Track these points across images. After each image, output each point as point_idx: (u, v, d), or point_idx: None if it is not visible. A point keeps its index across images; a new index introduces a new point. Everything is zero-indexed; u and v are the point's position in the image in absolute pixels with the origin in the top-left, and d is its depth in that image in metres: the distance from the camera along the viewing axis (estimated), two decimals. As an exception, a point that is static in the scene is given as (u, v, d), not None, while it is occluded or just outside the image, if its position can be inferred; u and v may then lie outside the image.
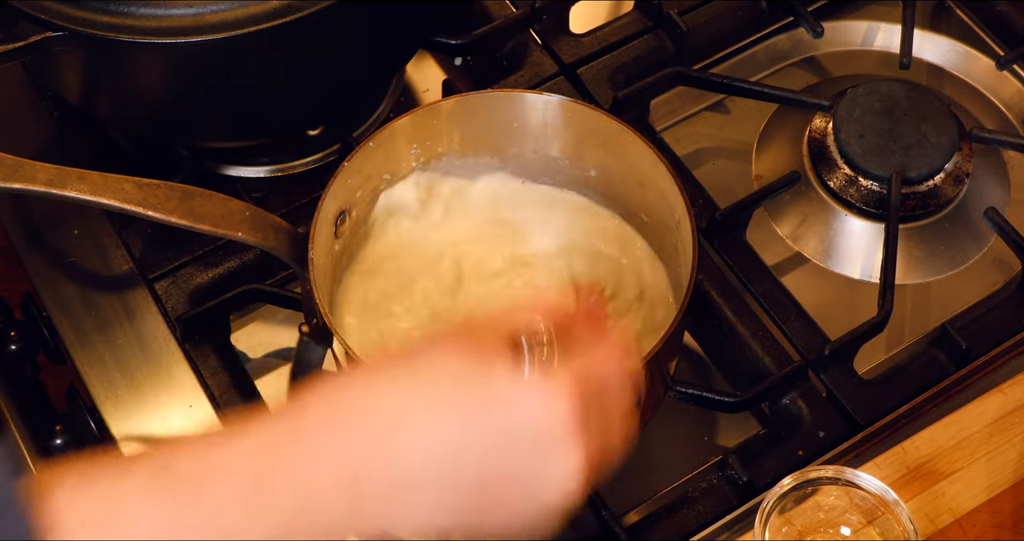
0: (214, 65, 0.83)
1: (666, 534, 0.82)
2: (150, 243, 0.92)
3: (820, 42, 1.04)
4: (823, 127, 0.95)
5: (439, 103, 0.81)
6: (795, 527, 0.76)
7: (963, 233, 0.95)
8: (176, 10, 0.80)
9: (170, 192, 0.73)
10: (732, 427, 0.88)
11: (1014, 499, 0.82)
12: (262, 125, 0.93)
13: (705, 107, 1.03)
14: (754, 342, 0.87)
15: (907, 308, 0.93)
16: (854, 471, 0.76)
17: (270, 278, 0.91)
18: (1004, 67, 1.01)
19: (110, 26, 0.79)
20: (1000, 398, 0.85)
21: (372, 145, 0.79)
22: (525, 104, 0.82)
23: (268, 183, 0.97)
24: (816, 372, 0.87)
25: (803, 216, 0.95)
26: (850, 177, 0.93)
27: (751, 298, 0.90)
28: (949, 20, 1.06)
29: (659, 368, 0.77)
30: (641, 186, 0.82)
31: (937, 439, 0.84)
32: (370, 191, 0.82)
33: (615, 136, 0.80)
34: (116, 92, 0.89)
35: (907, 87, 0.94)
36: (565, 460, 0.57)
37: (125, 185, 0.72)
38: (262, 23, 0.79)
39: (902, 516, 0.74)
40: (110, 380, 0.87)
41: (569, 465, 0.57)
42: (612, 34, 1.02)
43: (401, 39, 0.93)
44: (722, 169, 1.00)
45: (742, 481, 0.82)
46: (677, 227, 0.78)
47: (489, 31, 0.99)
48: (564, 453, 0.57)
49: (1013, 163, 0.99)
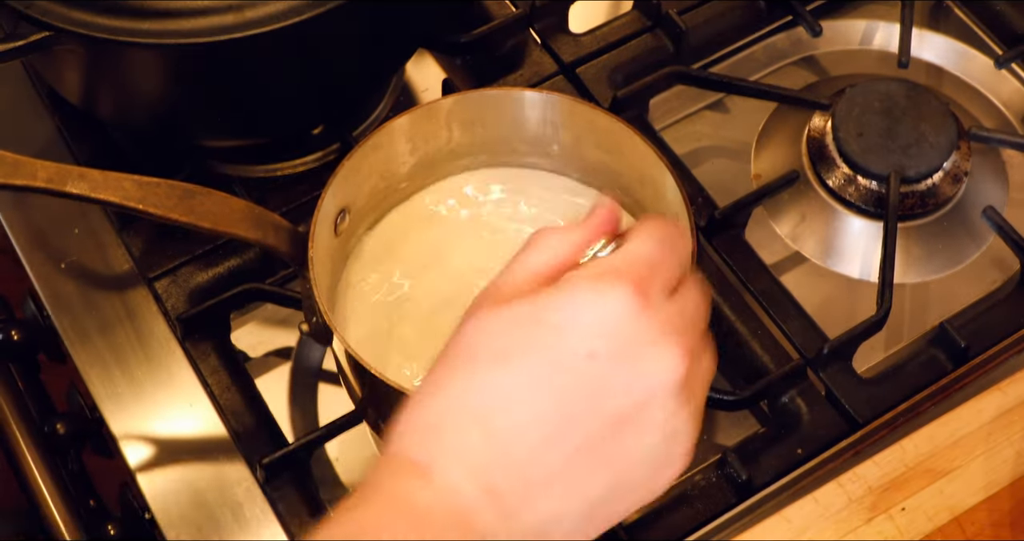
0: (214, 67, 0.83)
1: (665, 533, 0.82)
2: (150, 242, 0.92)
3: (819, 41, 1.04)
4: (822, 126, 0.95)
5: (438, 102, 0.81)
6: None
7: (962, 232, 0.95)
8: (177, 12, 0.80)
9: (170, 190, 0.73)
10: (731, 425, 0.88)
11: (1012, 497, 0.82)
12: (262, 125, 0.93)
13: (704, 106, 1.03)
14: (753, 341, 0.87)
15: (906, 307, 0.93)
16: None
17: (270, 277, 0.91)
18: (1003, 66, 1.02)
19: (110, 28, 0.79)
20: (999, 396, 0.85)
21: (371, 144, 0.80)
22: (524, 102, 0.82)
23: (268, 182, 0.97)
24: (815, 371, 0.87)
25: (802, 215, 0.95)
26: (849, 176, 0.93)
27: (750, 297, 0.90)
28: (948, 19, 1.07)
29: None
30: (640, 184, 0.82)
31: (936, 437, 0.84)
32: (369, 189, 0.82)
33: (615, 134, 0.80)
34: (116, 92, 0.89)
35: (906, 86, 0.95)
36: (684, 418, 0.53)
37: (125, 183, 0.72)
38: (263, 26, 0.79)
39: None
40: (110, 379, 0.87)
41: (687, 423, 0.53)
42: (611, 33, 1.02)
43: (401, 38, 0.93)
44: (721, 168, 1.00)
45: (741, 480, 0.82)
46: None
47: (489, 30, 0.99)
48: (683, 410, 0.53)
49: (1012, 162, 0.99)
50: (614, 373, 0.52)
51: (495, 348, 0.53)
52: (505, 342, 0.53)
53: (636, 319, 0.52)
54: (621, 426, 0.52)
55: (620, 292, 0.52)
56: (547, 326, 0.53)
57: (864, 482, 0.82)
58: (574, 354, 0.52)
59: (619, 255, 0.55)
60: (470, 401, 0.53)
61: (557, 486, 0.52)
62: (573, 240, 0.58)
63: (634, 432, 0.52)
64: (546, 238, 0.59)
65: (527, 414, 0.52)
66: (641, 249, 0.56)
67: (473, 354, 0.54)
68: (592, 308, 0.52)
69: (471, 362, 0.54)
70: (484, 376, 0.53)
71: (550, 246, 0.58)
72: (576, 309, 0.53)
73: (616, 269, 0.54)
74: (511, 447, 0.52)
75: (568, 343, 0.52)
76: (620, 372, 0.52)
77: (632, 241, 0.56)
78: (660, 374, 0.52)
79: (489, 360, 0.53)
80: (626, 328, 0.52)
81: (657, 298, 0.54)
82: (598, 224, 0.59)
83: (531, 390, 0.52)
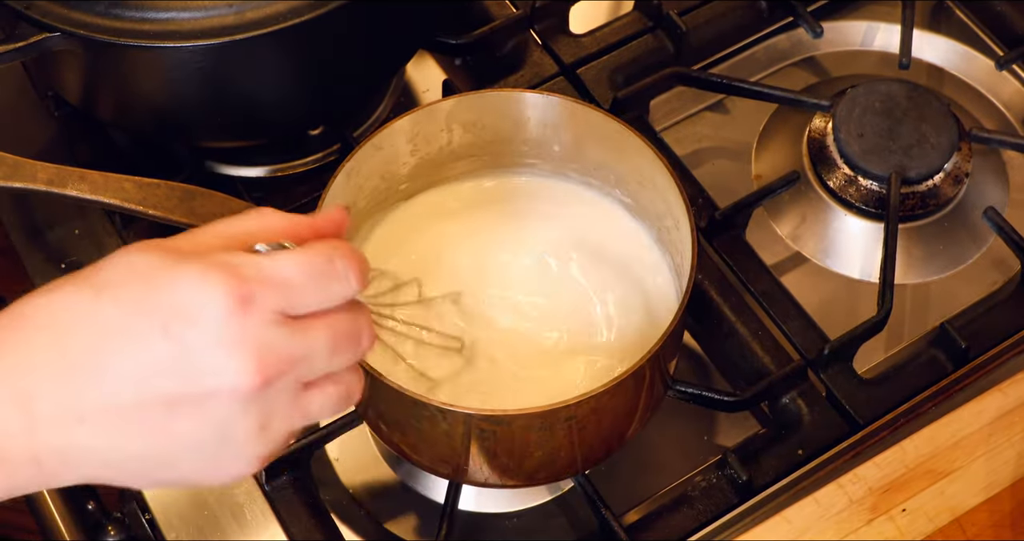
0: (215, 68, 0.83)
1: (666, 533, 0.82)
2: (150, 243, 0.92)
3: (820, 42, 1.04)
4: (823, 127, 0.95)
5: (438, 103, 0.81)
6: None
7: (962, 233, 0.95)
8: (177, 14, 0.80)
9: (170, 192, 0.73)
10: (732, 426, 0.88)
11: (1013, 498, 0.82)
12: (263, 126, 0.93)
13: (705, 107, 1.03)
14: (754, 341, 0.87)
15: (906, 308, 0.93)
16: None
17: (270, 278, 0.91)
18: (1003, 67, 1.02)
19: (110, 29, 0.79)
20: (999, 397, 0.85)
21: (372, 145, 0.80)
22: (524, 104, 0.82)
23: (268, 183, 0.97)
24: (816, 371, 0.87)
25: (803, 216, 0.95)
26: (850, 177, 0.93)
27: (751, 297, 0.90)
28: (949, 20, 1.07)
29: (659, 367, 0.77)
30: (640, 185, 0.82)
31: (936, 438, 0.84)
32: (370, 190, 0.82)
33: (614, 135, 0.80)
34: (117, 93, 0.89)
35: (907, 87, 0.95)
36: (240, 426, 0.54)
37: (125, 184, 0.72)
38: (263, 27, 0.79)
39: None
40: (110, 379, 0.87)
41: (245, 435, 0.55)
42: (612, 34, 1.02)
43: (401, 39, 0.93)
44: (722, 169, 1.00)
45: (742, 480, 0.82)
46: (676, 226, 0.78)
47: (489, 31, 0.99)
48: (239, 419, 0.54)
49: (1012, 163, 0.99)
50: (177, 355, 0.53)
51: (109, 279, 0.55)
52: (120, 278, 0.55)
53: (222, 319, 0.53)
54: (174, 406, 0.54)
55: (222, 288, 0.53)
56: (150, 285, 0.54)
57: (865, 483, 0.82)
58: (151, 322, 0.53)
59: (262, 258, 0.56)
60: (57, 314, 0.55)
61: (90, 423, 0.54)
62: (272, 225, 0.59)
63: (187, 417, 0.54)
64: (259, 213, 0.60)
65: (92, 351, 0.54)
66: (284, 265, 0.56)
67: (90, 276, 0.55)
68: (188, 289, 0.54)
69: (85, 281, 0.55)
70: (81, 296, 0.55)
71: (253, 220, 0.59)
72: (176, 282, 0.54)
73: (237, 267, 0.54)
74: (65, 370, 0.54)
75: (154, 309, 0.54)
76: (183, 357, 0.53)
77: (286, 255, 0.56)
78: (222, 377, 0.54)
79: (94, 287, 0.55)
80: (208, 322, 0.53)
81: (260, 313, 0.54)
82: (307, 224, 0.60)
83: (108, 332, 0.54)
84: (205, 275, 0.54)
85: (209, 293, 0.53)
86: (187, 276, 0.54)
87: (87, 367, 0.54)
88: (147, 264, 0.55)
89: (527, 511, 0.86)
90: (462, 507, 0.84)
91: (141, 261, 0.55)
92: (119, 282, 0.55)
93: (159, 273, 0.54)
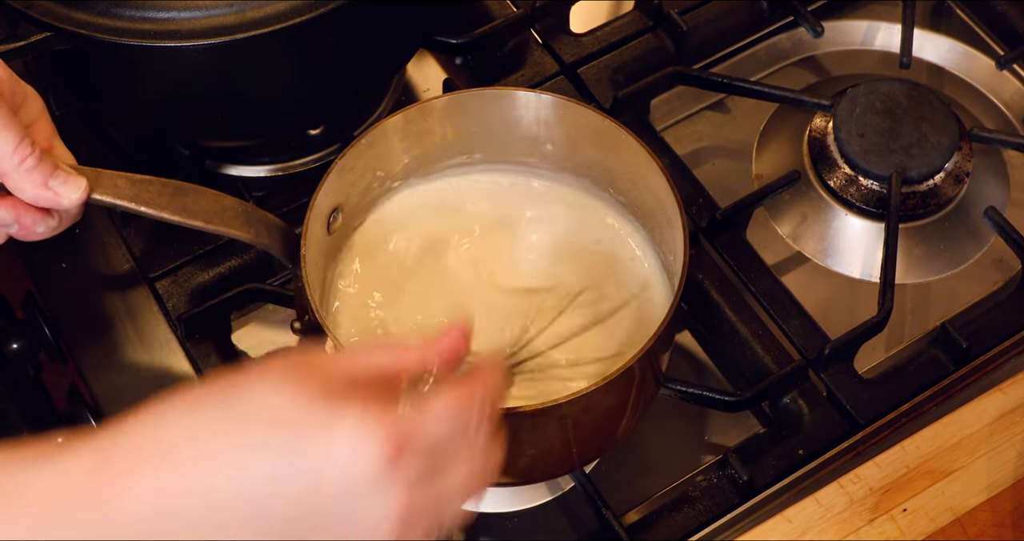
0: (215, 68, 0.83)
1: (666, 533, 0.82)
2: (151, 242, 0.92)
3: (820, 42, 1.04)
4: (823, 126, 0.95)
5: (431, 101, 0.81)
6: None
7: (963, 232, 0.95)
8: (177, 13, 0.80)
9: (162, 188, 0.73)
10: (732, 426, 0.88)
11: (1014, 498, 0.82)
12: (263, 125, 0.93)
13: (705, 106, 1.03)
14: (754, 341, 0.87)
15: (907, 307, 0.93)
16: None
17: (271, 277, 0.91)
18: (1004, 67, 1.02)
19: (111, 29, 0.79)
20: (1000, 397, 0.85)
21: (365, 142, 0.80)
22: (517, 102, 0.82)
23: (269, 182, 0.97)
24: (816, 371, 0.87)
25: (803, 215, 0.95)
26: (850, 176, 0.93)
27: (751, 297, 0.90)
28: (949, 20, 1.07)
29: (651, 364, 0.77)
30: (633, 184, 0.82)
31: (937, 438, 0.84)
32: (363, 188, 0.82)
33: (607, 134, 0.80)
34: (117, 92, 0.89)
35: (907, 87, 0.95)
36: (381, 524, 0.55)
37: (118, 181, 0.72)
38: (264, 27, 0.79)
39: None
40: (111, 379, 0.87)
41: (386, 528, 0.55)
42: (612, 34, 1.02)
43: (402, 39, 0.93)
44: (722, 168, 1.00)
45: (742, 480, 0.82)
46: (669, 224, 0.78)
47: (490, 31, 0.99)
48: (381, 520, 0.55)
49: (1013, 163, 0.99)
50: (327, 510, 0.54)
51: (258, 417, 0.55)
52: (271, 415, 0.54)
53: (371, 477, 0.54)
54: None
55: (375, 449, 0.54)
56: (300, 426, 0.54)
57: (865, 483, 0.82)
58: (303, 468, 0.54)
59: (412, 418, 0.56)
60: (197, 445, 0.54)
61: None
62: (408, 358, 0.59)
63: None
64: (396, 346, 0.60)
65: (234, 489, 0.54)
66: (432, 421, 0.56)
67: (240, 415, 0.55)
68: (340, 439, 0.54)
69: (224, 414, 0.55)
70: (220, 430, 0.54)
71: (394, 353, 0.60)
72: (331, 427, 0.54)
73: (393, 422, 0.55)
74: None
75: (307, 454, 0.54)
76: (332, 512, 0.54)
77: (435, 408, 0.57)
78: (366, 524, 0.55)
79: (235, 423, 0.54)
80: (359, 477, 0.54)
81: (407, 469, 0.55)
82: (441, 349, 0.60)
83: (254, 479, 0.54)
84: (360, 421, 0.54)
85: (360, 442, 0.54)
86: (344, 416, 0.54)
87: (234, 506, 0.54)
88: (296, 409, 0.54)
89: (527, 511, 0.86)
90: (462, 507, 0.84)
91: (288, 405, 0.54)
92: (266, 425, 0.54)
93: (311, 427, 0.54)
